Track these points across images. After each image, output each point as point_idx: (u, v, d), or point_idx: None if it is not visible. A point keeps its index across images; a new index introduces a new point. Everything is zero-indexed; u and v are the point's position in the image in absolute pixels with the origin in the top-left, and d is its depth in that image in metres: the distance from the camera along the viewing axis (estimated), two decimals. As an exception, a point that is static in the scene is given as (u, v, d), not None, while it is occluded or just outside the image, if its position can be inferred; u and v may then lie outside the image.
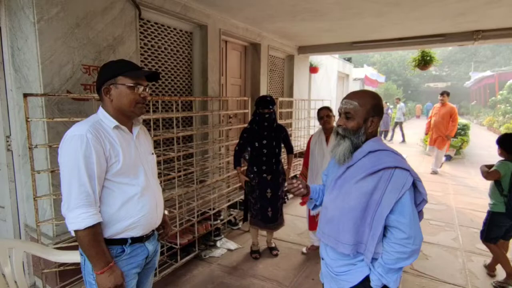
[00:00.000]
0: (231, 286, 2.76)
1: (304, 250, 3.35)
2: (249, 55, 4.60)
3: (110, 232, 1.36)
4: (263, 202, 3.14)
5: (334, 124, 3.15)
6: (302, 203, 3.26)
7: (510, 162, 2.67)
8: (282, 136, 3.19)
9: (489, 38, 4.34)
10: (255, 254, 3.26)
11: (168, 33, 3.25)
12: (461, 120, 10.32)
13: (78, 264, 2.24)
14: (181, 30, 3.40)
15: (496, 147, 2.81)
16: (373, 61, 29.33)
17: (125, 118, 1.43)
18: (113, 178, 1.35)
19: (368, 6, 3.23)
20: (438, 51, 5.71)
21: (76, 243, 2.18)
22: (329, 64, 7.96)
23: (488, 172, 2.74)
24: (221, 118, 3.81)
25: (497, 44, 17.62)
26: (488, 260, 3.03)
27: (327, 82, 7.90)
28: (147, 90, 1.44)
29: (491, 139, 14.34)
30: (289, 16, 3.69)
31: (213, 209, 3.28)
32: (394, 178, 1.26)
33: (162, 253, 2.78)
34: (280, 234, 3.64)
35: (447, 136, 6.44)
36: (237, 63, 4.47)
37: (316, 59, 6.87)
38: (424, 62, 5.60)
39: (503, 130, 14.64)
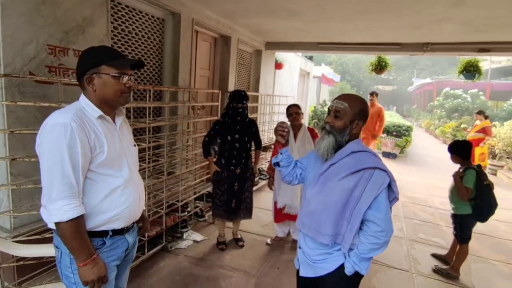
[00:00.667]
0: (199, 277, 2.79)
1: (268, 241, 3.48)
2: (218, 47, 4.57)
3: (92, 224, 1.32)
4: (230, 194, 3.20)
5: (302, 121, 3.32)
6: (274, 152, 3.21)
7: (471, 168, 2.83)
8: (253, 130, 3.26)
9: (436, 50, 4.84)
10: (221, 245, 3.32)
11: (140, 18, 3.11)
12: (406, 122, 11.34)
13: (39, 258, 2.12)
14: (153, 16, 3.27)
15: (434, 148, 3.11)
16: (330, 60, 30.61)
17: (108, 108, 1.38)
18: (96, 169, 1.31)
19: (340, 12, 3.42)
20: (388, 57, 6.16)
21: (36, 237, 2.07)
22: (293, 61, 8.18)
23: (463, 189, 2.81)
24: (190, 110, 3.75)
25: (442, 56, 19.46)
26: (433, 250, 3.45)
27: (290, 79, 8.12)
28: (131, 78, 1.41)
29: (429, 140, 15.99)
30: (266, 13, 3.74)
31: (181, 200, 3.26)
32: (374, 177, 1.41)
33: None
34: (245, 225, 3.74)
35: (374, 136, 6.46)
36: (207, 54, 4.42)
37: (281, 55, 7.02)
38: (380, 67, 6.05)
39: (438, 133, 16.38)
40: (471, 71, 5.63)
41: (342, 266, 1.50)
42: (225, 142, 3.14)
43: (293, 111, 3.22)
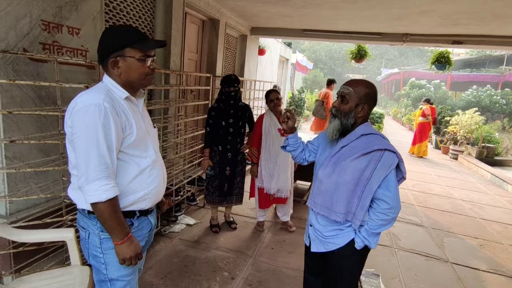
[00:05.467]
0: (197, 258, 2.85)
1: (257, 227, 3.54)
2: (206, 30, 4.48)
3: (122, 204, 1.33)
4: (221, 178, 3.24)
5: (282, 107, 3.37)
6: (281, 133, 3.19)
7: None
8: (247, 115, 3.30)
9: (414, 41, 5.09)
10: (215, 228, 3.37)
11: (131, -4, 2.97)
12: (378, 110, 11.88)
13: (40, 244, 2.05)
14: (143, -6, 3.14)
15: (401, 134, 3.29)
16: (303, 48, 30.87)
17: (132, 89, 1.38)
18: (126, 150, 1.31)
19: (329, 0, 3.48)
20: (353, 46, 6.40)
21: (36, 222, 1.99)
22: (273, 47, 8.19)
23: None
24: (180, 94, 3.69)
25: (420, 46, 20.31)
26: (410, 228, 3.74)
27: (270, 65, 8.14)
28: (154, 60, 1.40)
29: (396, 127, 16.88)
30: (255, -4, 3.72)
31: (175, 184, 3.25)
32: (384, 158, 1.52)
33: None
34: (235, 209, 3.81)
35: None
36: (195, 37, 4.32)
37: (264, 41, 7.01)
38: (360, 55, 6.26)
39: (405, 121, 17.33)
40: (442, 62, 6.01)
41: (352, 241, 1.61)
42: (220, 127, 3.15)
43: (274, 96, 3.21)
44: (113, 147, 1.23)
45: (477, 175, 7.21)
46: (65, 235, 1.84)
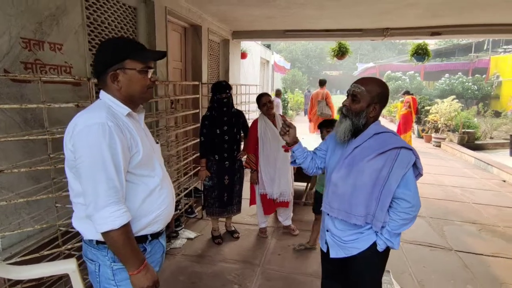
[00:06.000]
0: (204, 274, 2.74)
1: (260, 234, 3.45)
2: (189, 37, 4.38)
3: (133, 229, 1.23)
4: (220, 188, 3.16)
5: (275, 110, 3.33)
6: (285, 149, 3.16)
7: None
8: (241, 121, 3.23)
9: (394, 35, 5.19)
10: (217, 239, 3.27)
11: (112, 6, 2.83)
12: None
13: (39, 279, 1.89)
14: (124, 4, 3.00)
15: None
16: (280, 48, 31.11)
17: (132, 104, 1.29)
18: (134, 170, 1.22)
19: (315, -1, 3.48)
20: (333, 44, 6.51)
21: (34, 256, 1.84)
22: (254, 50, 8.16)
23: None
24: (169, 104, 3.57)
25: (400, 40, 20.84)
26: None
27: (252, 68, 8.11)
28: (154, 71, 1.31)
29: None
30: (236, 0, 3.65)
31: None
32: (401, 156, 1.48)
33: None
34: (235, 217, 3.71)
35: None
36: (178, 45, 4.21)
37: (244, 44, 6.97)
38: (341, 52, 6.33)
39: (385, 113, 17.72)
40: (421, 54, 6.18)
41: (374, 244, 1.57)
42: (215, 136, 3.06)
43: (266, 100, 3.16)
44: (121, 169, 1.13)
45: (461, 161, 7.44)
46: (68, 267, 1.69)
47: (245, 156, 3.32)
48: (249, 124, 3.31)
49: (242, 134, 3.27)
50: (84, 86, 2.42)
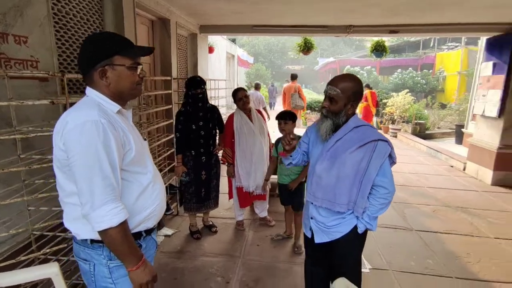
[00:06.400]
0: (185, 269, 2.75)
1: (237, 227, 3.53)
2: (157, 31, 4.25)
3: (129, 226, 1.23)
4: (198, 184, 3.17)
5: (251, 105, 3.40)
6: (283, 154, 3.18)
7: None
8: (216, 116, 3.24)
9: (357, 32, 5.46)
10: (196, 234, 3.28)
11: (76, -3, 2.68)
12: (319, 97, 12.51)
13: (17, 286, 1.78)
14: (89, -5, 2.85)
15: None
16: (242, 43, 31.00)
17: (121, 101, 1.28)
18: (127, 167, 1.22)
19: (284, -6, 3.55)
20: (298, 39, 6.73)
21: (9, 262, 1.73)
22: (220, 45, 8.10)
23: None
24: (141, 100, 3.47)
25: (363, 37, 21.60)
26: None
27: (218, 62, 8.05)
28: (142, 67, 1.31)
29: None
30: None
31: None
32: (378, 148, 1.63)
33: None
34: (211, 212, 3.73)
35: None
36: (145, 39, 4.07)
37: (211, 39, 6.89)
38: (307, 48, 6.52)
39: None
40: (379, 50, 6.57)
41: (355, 227, 1.72)
42: (191, 131, 3.05)
43: (242, 95, 3.19)
44: (116, 166, 1.13)
45: (415, 149, 8.09)
46: (50, 271, 1.62)
47: (222, 151, 3.35)
48: (224, 119, 3.34)
49: (217, 129, 3.28)
50: (52, 82, 2.29)
